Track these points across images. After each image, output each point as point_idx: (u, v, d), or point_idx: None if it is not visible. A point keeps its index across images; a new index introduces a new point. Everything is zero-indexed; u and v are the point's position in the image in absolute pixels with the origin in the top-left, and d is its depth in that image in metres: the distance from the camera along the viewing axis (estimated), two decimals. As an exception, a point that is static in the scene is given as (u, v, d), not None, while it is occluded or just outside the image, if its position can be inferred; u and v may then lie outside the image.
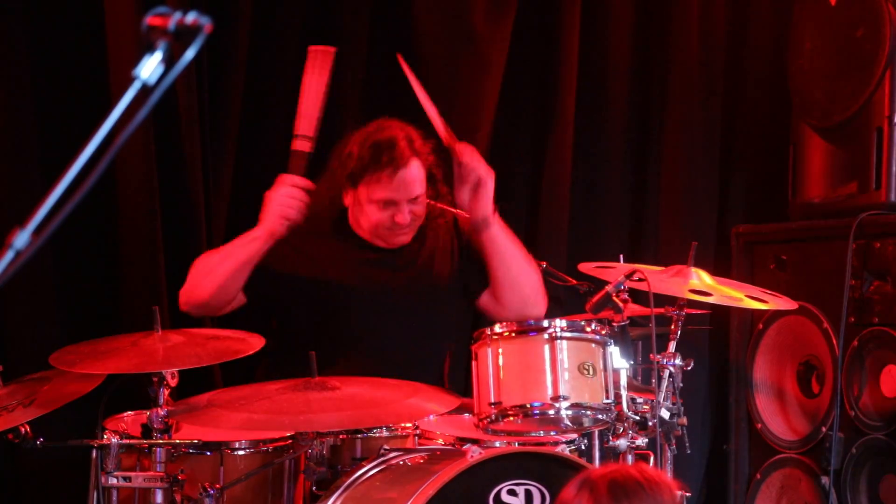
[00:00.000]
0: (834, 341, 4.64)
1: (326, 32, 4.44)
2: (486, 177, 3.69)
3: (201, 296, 3.71)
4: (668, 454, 3.65)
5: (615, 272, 3.68)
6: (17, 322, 4.02)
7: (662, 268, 3.82)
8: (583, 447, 3.62)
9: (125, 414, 3.49)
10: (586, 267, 3.92)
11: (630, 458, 3.56)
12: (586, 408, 3.29)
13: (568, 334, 3.30)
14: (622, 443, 3.51)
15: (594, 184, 4.93)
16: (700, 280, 3.72)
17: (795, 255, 4.87)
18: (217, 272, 3.69)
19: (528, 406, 3.27)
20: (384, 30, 4.56)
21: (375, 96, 4.49)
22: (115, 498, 3.27)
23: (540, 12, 4.78)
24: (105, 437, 3.25)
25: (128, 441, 3.26)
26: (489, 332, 3.33)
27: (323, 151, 3.98)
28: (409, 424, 3.44)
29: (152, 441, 3.24)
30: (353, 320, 3.76)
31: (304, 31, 4.44)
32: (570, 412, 3.28)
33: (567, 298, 4.46)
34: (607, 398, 3.32)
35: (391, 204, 3.70)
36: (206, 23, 1.76)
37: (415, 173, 3.71)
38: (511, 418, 3.28)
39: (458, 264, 3.85)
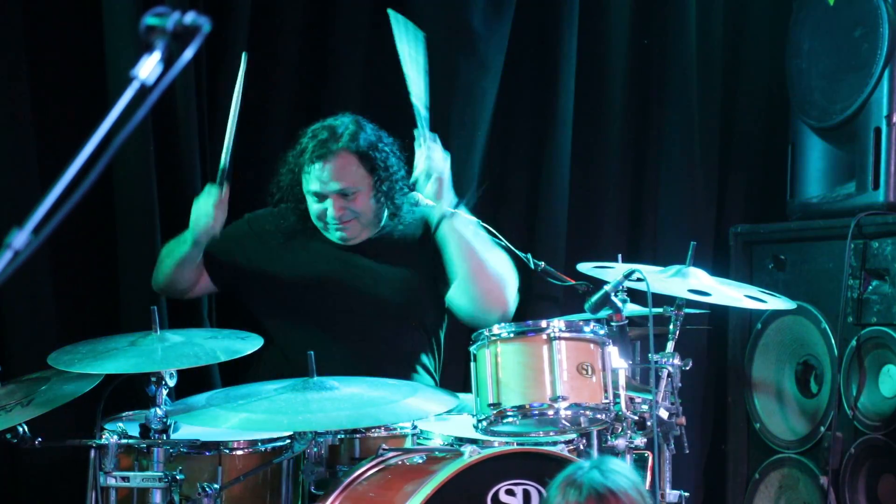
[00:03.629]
0: (832, 341, 4.65)
1: (325, 32, 4.45)
2: (447, 174, 3.74)
3: (157, 286, 3.92)
4: (667, 454, 3.66)
5: (614, 272, 3.68)
6: (15, 322, 4.01)
7: (661, 267, 3.83)
8: (581, 447, 3.62)
9: (124, 414, 3.49)
10: (585, 267, 3.92)
11: (628, 457, 3.57)
12: (585, 408, 3.29)
13: (566, 335, 3.30)
14: (621, 443, 3.51)
15: (593, 183, 4.93)
16: (698, 280, 3.73)
17: (794, 254, 4.87)
18: (162, 267, 3.88)
19: (527, 406, 3.27)
20: (383, 30, 4.55)
21: (374, 96, 4.50)
22: (113, 498, 3.27)
23: (538, 13, 4.77)
24: (103, 436, 3.25)
25: (126, 441, 3.26)
26: (488, 334, 3.33)
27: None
28: (407, 424, 3.44)
29: (151, 441, 3.23)
30: (318, 312, 3.83)
31: (303, 30, 4.44)
32: (568, 412, 3.28)
33: (566, 298, 4.47)
34: (606, 398, 3.32)
35: (322, 196, 3.78)
36: (205, 23, 1.76)
37: (343, 167, 3.75)
38: (510, 419, 3.28)
39: (429, 255, 3.88)
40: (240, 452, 3.39)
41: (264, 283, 3.88)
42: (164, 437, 3.24)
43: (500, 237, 4.07)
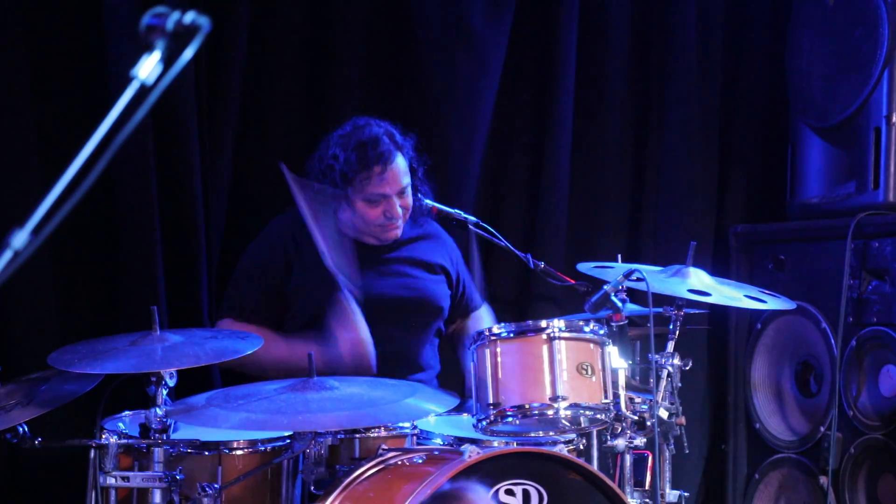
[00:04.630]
0: (832, 341, 4.65)
1: (325, 32, 4.45)
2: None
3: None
4: (667, 454, 3.66)
5: (614, 272, 3.69)
6: (15, 322, 4.01)
7: (661, 267, 3.83)
8: (581, 447, 3.63)
9: (124, 414, 3.49)
10: (585, 267, 3.92)
11: (628, 457, 3.57)
12: (585, 408, 3.29)
13: (566, 334, 3.30)
14: (620, 443, 3.51)
15: (593, 184, 4.93)
16: (698, 280, 3.73)
17: (794, 254, 4.87)
18: (266, 370, 3.67)
19: (527, 406, 3.27)
20: (383, 30, 4.55)
21: (374, 96, 4.50)
22: (113, 498, 3.27)
23: (538, 13, 4.77)
24: (103, 436, 3.25)
25: (126, 441, 3.26)
26: (487, 333, 3.34)
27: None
28: (407, 424, 3.45)
29: (150, 441, 3.24)
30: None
31: (302, 30, 4.43)
32: (568, 412, 3.28)
33: (565, 298, 4.47)
34: (606, 398, 3.32)
35: (383, 199, 3.81)
36: (205, 23, 1.76)
37: (401, 166, 3.85)
38: (510, 419, 3.28)
39: (441, 256, 3.98)
40: (240, 452, 3.39)
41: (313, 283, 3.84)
42: (164, 437, 3.24)
43: (500, 237, 4.07)
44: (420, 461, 3.31)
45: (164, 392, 3.24)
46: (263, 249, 3.93)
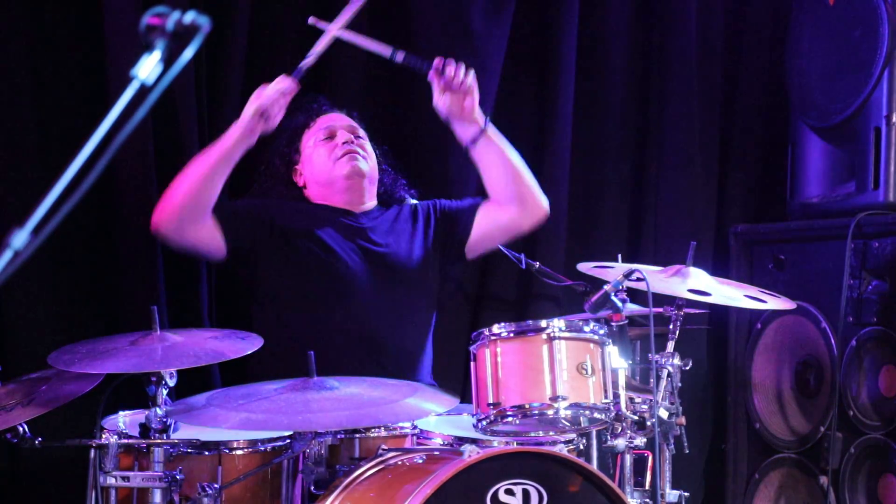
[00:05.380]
0: (832, 341, 4.65)
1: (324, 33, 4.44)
2: (471, 84, 3.81)
3: (174, 200, 3.71)
4: (667, 454, 3.66)
5: (614, 272, 3.69)
6: (15, 321, 4.01)
7: (661, 267, 3.83)
8: (581, 447, 3.63)
9: (123, 413, 3.49)
10: (585, 267, 3.92)
11: (628, 457, 3.57)
12: (585, 408, 3.29)
13: (566, 334, 3.30)
14: (620, 443, 3.51)
15: (593, 183, 4.93)
16: (698, 280, 3.73)
17: (794, 254, 4.87)
18: (193, 171, 3.72)
19: (527, 406, 3.27)
20: (383, 28, 4.55)
21: (373, 97, 4.49)
22: (113, 498, 3.27)
23: (538, 11, 4.78)
24: (103, 436, 3.25)
25: (126, 441, 3.26)
26: (487, 333, 3.34)
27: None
28: (407, 424, 3.45)
29: (151, 441, 3.24)
30: (332, 277, 3.83)
31: (302, 31, 4.43)
32: (568, 412, 3.28)
33: (565, 298, 4.47)
34: (606, 398, 3.32)
35: (332, 133, 3.94)
36: (205, 23, 1.76)
37: (346, 117, 4.01)
38: (510, 419, 3.28)
39: (431, 235, 3.96)
40: (240, 452, 3.39)
41: (297, 248, 3.84)
42: (164, 437, 3.24)
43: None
44: (420, 461, 3.31)
45: (164, 392, 3.24)
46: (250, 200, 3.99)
